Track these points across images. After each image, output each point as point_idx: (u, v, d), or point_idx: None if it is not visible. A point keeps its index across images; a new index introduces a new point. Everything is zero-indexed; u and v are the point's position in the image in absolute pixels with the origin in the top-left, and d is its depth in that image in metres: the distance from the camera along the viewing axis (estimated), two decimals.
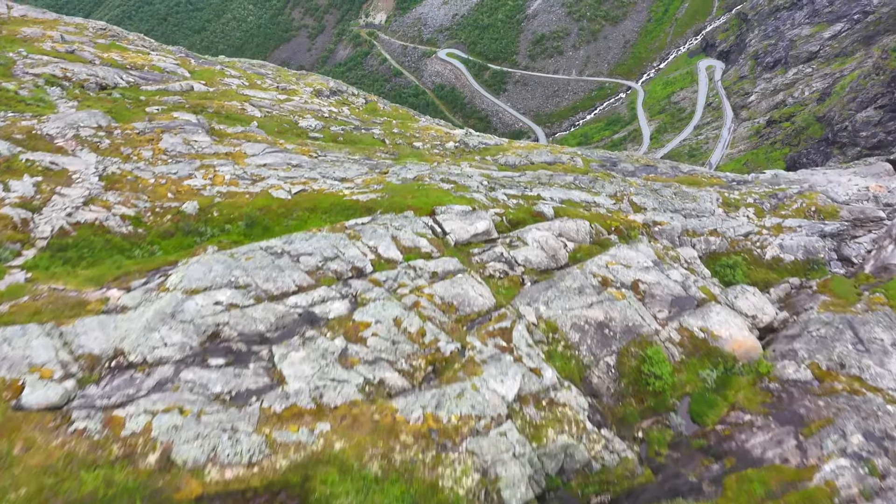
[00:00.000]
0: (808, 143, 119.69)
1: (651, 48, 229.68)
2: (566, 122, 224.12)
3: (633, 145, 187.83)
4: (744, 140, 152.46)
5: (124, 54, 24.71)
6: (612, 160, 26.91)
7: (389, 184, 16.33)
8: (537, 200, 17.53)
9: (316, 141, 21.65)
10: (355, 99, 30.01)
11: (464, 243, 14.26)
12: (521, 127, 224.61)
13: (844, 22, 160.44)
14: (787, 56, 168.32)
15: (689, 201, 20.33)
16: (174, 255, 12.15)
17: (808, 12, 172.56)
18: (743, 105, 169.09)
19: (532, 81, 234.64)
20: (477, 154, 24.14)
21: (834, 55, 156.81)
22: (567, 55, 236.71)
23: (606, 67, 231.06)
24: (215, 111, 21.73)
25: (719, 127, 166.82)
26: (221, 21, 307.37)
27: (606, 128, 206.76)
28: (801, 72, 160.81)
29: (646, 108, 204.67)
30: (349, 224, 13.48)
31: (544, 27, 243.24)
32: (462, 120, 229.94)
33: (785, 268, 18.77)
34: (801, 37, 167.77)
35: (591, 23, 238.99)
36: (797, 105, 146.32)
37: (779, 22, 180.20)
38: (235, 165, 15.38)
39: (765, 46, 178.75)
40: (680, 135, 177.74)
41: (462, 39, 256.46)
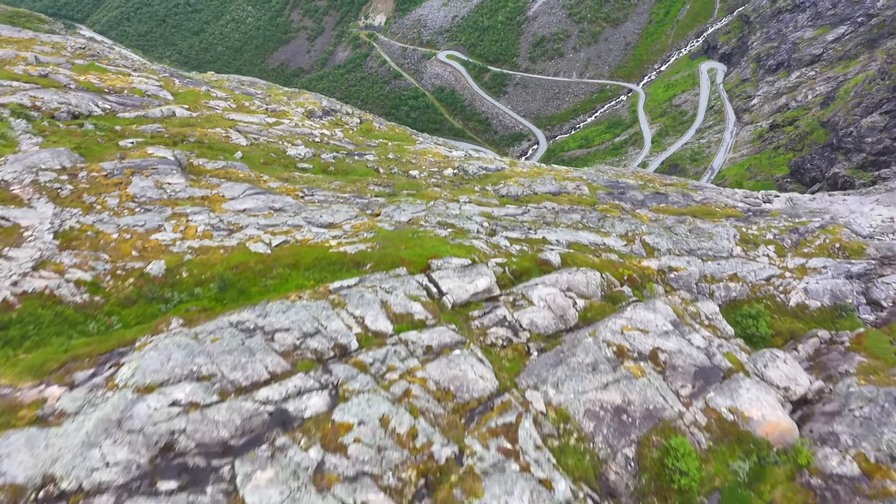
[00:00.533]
0: (813, 148, 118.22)
1: (652, 50, 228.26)
2: (567, 125, 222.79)
3: (635, 149, 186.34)
4: (746, 144, 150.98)
5: (103, 76, 23.20)
6: (619, 187, 25.46)
7: (381, 230, 14.87)
8: (543, 245, 16.08)
9: (305, 173, 20.19)
10: (349, 119, 28.52)
11: (462, 304, 12.80)
12: (521, 129, 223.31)
13: (848, 24, 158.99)
14: (789, 59, 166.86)
15: (704, 239, 18.88)
16: (134, 328, 10.70)
17: (810, 14, 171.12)
18: (745, 108, 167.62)
19: (532, 84, 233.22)
20: (477, 183, 22.69)
21: (837, 58, 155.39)
22: (567, 57, 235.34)
23: (607, 70, 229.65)
24: (197, 140, 20.28)
25: (721, 131, 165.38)
26: (220, 23, 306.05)
27: (607, 131, 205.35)
28: (804, 75, 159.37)
29: (647, 110, 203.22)
30: (334, 287, 12.02)
31: (545, 29, 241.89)
32: (462, 123, 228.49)
33: (811, 315, 17.31)
34: (804, 39, 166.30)
35: (591, 24, 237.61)
36: (800, 109, 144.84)
37: (781, 24, 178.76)
38: (211, 213, 13.95)
39: (767, 49, 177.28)
40: (682, 138, 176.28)
41: (462, 41, 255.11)
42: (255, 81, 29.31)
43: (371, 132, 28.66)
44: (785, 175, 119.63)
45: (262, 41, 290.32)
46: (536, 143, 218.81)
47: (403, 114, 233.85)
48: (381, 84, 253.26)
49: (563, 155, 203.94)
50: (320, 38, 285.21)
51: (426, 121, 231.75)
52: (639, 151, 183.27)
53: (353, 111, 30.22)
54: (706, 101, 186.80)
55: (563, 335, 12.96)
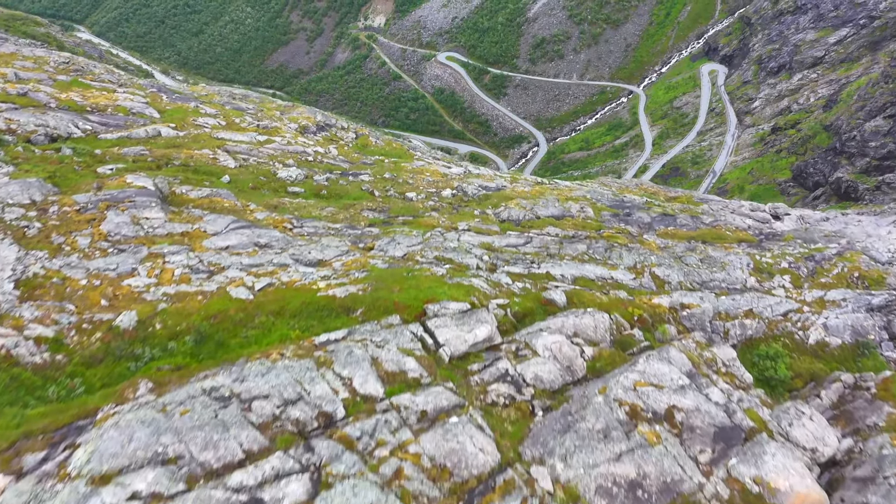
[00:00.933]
0: (815, 152, 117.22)
1: (653, 52, 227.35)
2: (567, 127, 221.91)
3: (636, 151, 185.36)
4: (748, 147, 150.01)
5: (86, 93, 22.16)
6: (624, 206, 24.44)
7: (374, 268, 13.85)
8: (547, 282, 15.07)
9: (295, 198, 19.17)
10: (345, 133, 27.45)
11: (461, 357, 11.78)
12: (521, 131, 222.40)
13: (850, 27, 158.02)
14: (791, 61, 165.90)
15: (717, 270, 17.87)
16: (98, 394, 9.70)
17: (812, 16, 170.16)
18: (747, 111, 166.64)
19: (532, 85, 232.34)
20: (476, 205, 21.67)
21: (839, 60, 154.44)
22: (568, 59, 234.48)
23: (608, 71, 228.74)
24: (183, 163, 19.27)
25: (723, 133, 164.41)
26: (219, 24, 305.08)
27: (608, 133, 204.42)
28: (805, 77, 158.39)
29: (647, 112, 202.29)
30: (320, 341, 11.01)
31: (545, 30, 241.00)
32: (462, 124, 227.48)
33: (832, 354, 16.29)
34: (806, 42, 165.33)
35: (591, 26, 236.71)
36: (802, 112, 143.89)
37: (783, 26, 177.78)
38: (190, 253, 12.94)
39: (769, 51, 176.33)
40: (683, 141, 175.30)
41: (462, 43, 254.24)
42: (248, 94, 28.25)
43: (367, 148, 27.65)
44: (787, 179, 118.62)
45: (262, 42, 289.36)
46: (536, 145, 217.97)
47: (403, 115, 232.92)
48: (380, 85, 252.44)
49: (564, 157, 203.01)
50: (319, 40, 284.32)
51: (426, 122, 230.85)
52: (639, 154, 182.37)
53: (349, 125, 29.20)
54: (707, 104, 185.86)
55: (571, 389, 11.94)
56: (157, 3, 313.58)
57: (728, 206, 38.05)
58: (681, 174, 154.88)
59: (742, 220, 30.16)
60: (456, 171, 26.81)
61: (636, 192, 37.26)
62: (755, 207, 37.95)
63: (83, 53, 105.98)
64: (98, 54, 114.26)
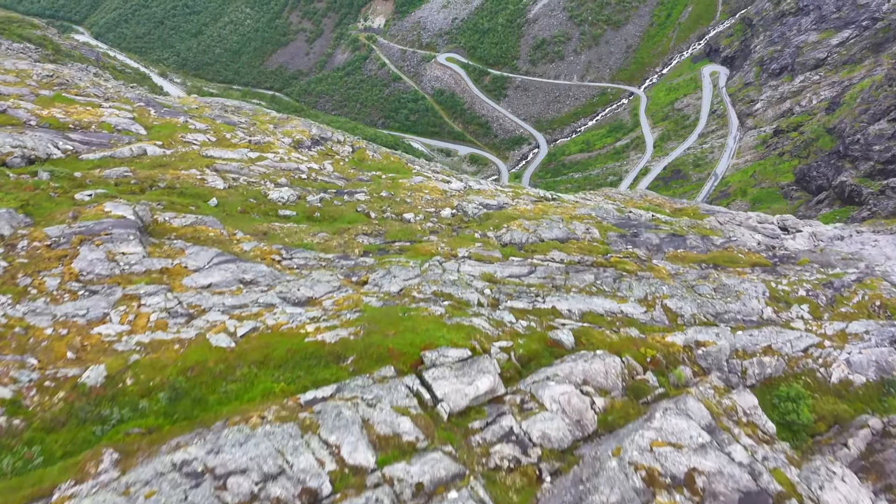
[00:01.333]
0: (819, 155, 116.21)
1: (654, 53, 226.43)
2: (567, 129, 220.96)
3: (637, 153, 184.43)
4: (750, 150, 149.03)
5: (70, 108, 21.15)
6: (631, 225, 23.45)
7: (367, 307, 12.86)
8: (553, 318, 14.08)
9: (287, 222, 18.19)
10: (341, 147, 26.44)
11: (461, 412, 10.80)
12: (521, 133, 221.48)
13: (853, 28, 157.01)
14: (793, 63, 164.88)
15: (732, 300, 16.88)
16: (57, 466, 8.71)
17: (814, 18, 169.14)
18: (748, 113, 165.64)
19: (533, 87, 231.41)
20: (477, 227, 20.67)
21: (842, 62, 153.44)
22: (568, 60, 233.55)
23: (608, 72, 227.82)
24: (168, 185, 18.29)
25: (724, 135, 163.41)
26: (218, 25, 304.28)
27: (608, 135, 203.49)
28: (808, 79, 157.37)
29: (648, 114, 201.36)
30: (306, 400, 10.03)
31: (545, 31, 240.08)
32: (462, 126, 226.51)
33: (856, 394, 15.30)
34: (808, 43, 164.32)
35: (592, 27, 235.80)
36: (805, 114, 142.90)
37: (785, 28, 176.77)
38: (168, 294, 11.97)
39: (770, 53, 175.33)
40: (684, 143, 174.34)
41: (462, 44, 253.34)
42: (241, 106, 27.24)
43: (364, 162, 26.67)
44: (790, 182, 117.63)
45: (261, 43, 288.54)
46: (537, 146, 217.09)
47: (403, 117, 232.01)
48: (380, 87, 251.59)
49: (564, 159, 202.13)
50: (319, 41, 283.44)
51: (426, 124, 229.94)
52: (640, 156, 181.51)
53: (345, 138, 28.19)
54: (709, 105, 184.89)
55: (582, 447, 10.96)
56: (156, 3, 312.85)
57: (735, 219, 37.06)
58: (682, 177, 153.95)
59: (751, 236, 29.20)
60: (456, 186, 25.83)
61: (641, 204, 36.28)
62: (763, 219, 36.96)
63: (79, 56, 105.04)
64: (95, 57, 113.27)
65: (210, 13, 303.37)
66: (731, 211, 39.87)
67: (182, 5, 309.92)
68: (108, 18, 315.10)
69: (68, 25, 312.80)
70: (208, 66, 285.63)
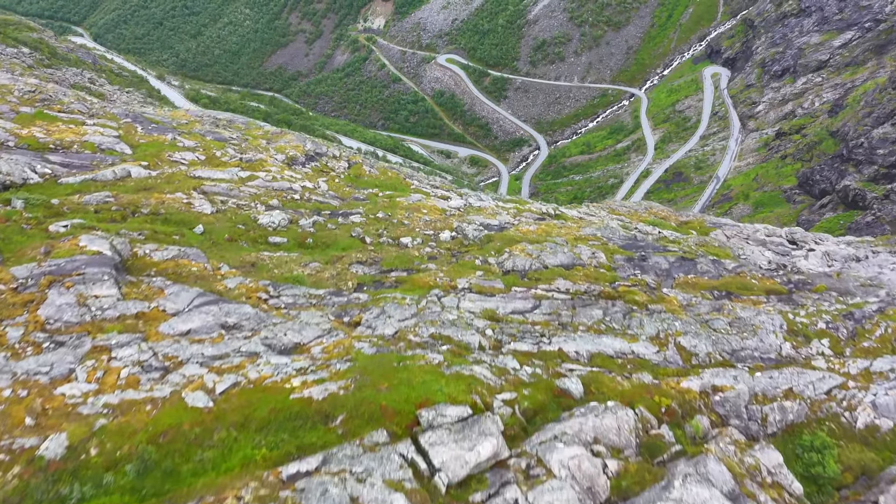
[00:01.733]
0: (822, 158, 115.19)
1: (654, 54, 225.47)
2: (568, 130, 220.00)
3: (637, 155, 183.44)
4: (752, 152, 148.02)
5: (51, 127, 20.10)
6: (638, 246, 22.46)
7: (359, 355, 11.88)
8: (559, 363, 13.09)
9: (276, 251, 17.19)
10: (336, 163, 25.40)
11: (460, 483, 9.81)
12: (521, 135, 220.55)
13: (855, 30, 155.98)
14: (795, 64, 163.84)
15: (748, 334, 15.90)
16: None
17: (816, 19, 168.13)
18: (750, 115, 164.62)
19: (533, 88, 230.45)
20: (477, 251, 19.67)
21: (845, 64, 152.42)
22: (569, 61, 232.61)
23: (609, 74, 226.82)
24: (151, 212, 17.30)
25: (726, 138, 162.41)
26: (217, 25, 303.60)
27: (609, 136, 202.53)
28: (810, 81, 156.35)
29: (649, 116, 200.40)
30: (288, 474, 9.03)
31: (545, 32, 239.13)
32: (462, 127, 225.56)
33: (883, 440, 14.28)
34: (810, 45, 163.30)
35: (593, 28, 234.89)
36: (807, 117, 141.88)
37: (786, 29, 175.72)
38: (143, 343, 11.00)
39: (772, 54, 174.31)
40: (685, 145, 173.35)
41: (462, 45, 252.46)
42: (234, 119, 26.25)
43: (360, 178, 25.68)
44: (793, 186, 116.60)
45: (260, 44, 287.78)
46: (537, 148, 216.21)
47: (403, 118, 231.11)
48: (380, 88, 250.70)
49: (565, 161, 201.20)
50: (319, 42, 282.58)
51: (425, 125, 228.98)
52: (641, 158, 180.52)
53: (341, 153, 27.17)
54: (710, 107, 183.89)
55: None
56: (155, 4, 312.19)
57: (742, 232, 36.09)
58: (684, 179, 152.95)
59: (761, 253, 28.24)
60: (455, 203, 24.84)
61: (646, 217, 35.28)
62: (770, 232, 35.99)
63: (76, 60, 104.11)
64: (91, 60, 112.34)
65: (209, 14, 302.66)
66: (738, 224, 38.90)
67: (181, 6, 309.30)
68: (108, 19, 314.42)
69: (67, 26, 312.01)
70: (207, 67, 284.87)
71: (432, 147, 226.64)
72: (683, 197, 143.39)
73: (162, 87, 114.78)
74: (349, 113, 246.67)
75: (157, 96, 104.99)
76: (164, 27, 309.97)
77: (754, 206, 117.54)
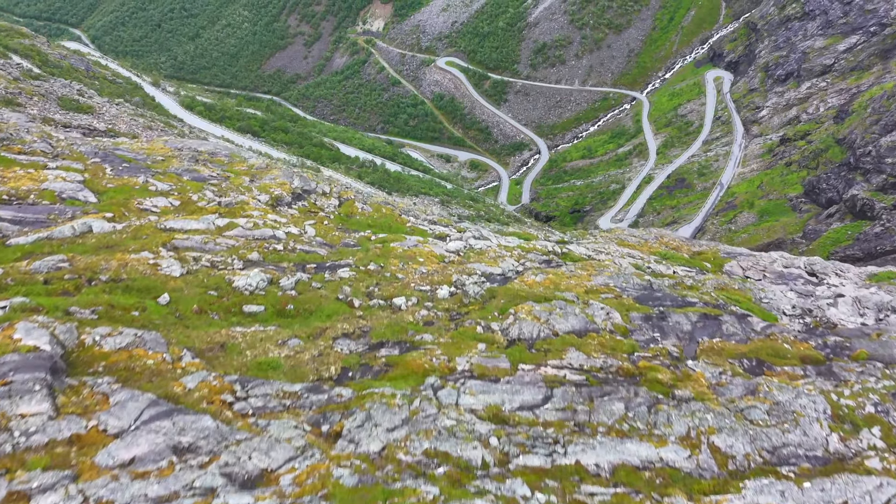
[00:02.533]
0: (828, 167, 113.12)
1: (656, 57, 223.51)
2: (569, 134, 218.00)
3: (639, 160, 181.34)
4: (756, 158, 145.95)
5: (7, 173, 17.97)
6: (655, 299, 20.44)
7: (337, 488, 9.83)
8: (579, 483, 11.05)
9: (251, 325, 15.15)
10: (326, 201, 23.30)
11: None
12: (522, 139, 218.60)
13: (860, 34, 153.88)
14: (799, 69, 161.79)
15: (789, 425, 13.87)
16: None
17: (821, 23, 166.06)
18: (754, 120, 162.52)
19: (534, 91, 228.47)
20: (479, 314, 17.64)
21: (850, 69, 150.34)
22: (569, 64, 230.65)
23: (610, 77, 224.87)
24: (111, 279, 15.28)
25: (729, 143, 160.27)
26: (215, 28, 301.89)
27: (611, 140, 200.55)
28: (814, 86, 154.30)
29: (651, 120, 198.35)
30: None
31: (546, 35, 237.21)
32: (462, 131, 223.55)
33: None
34: (815, 49, 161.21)
35: (594, 31, 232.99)
36: (812, 122, 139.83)
37: (790, 33, 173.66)
38: (72, 485, 8.99)
39: (775, 58, 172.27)
40: (688, 150, 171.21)
41: (462, 48, 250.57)
42: (216, 152, 23.93)
43: (352, 218, 23.65)
44: (799, 195, 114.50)
45: (259, 47, 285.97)
46: (538, 152, 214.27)
47: (402, 122, 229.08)
48: (379, 91, 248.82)
49: (566, 166, 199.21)
50: (317, 44, 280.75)
51: (425, 129, 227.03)
52: (643, 163, 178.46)
53: (332, 188, 25.07)
54: (713, 112, 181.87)
55: None
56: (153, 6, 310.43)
57: (759, 263, 34.01)
58: (687, 186, 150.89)
59: (783, 294, 26.25)
60: (454, 246, 22.82)
61: (657, 248, 33.24)
62: (788, 263, 33.93)
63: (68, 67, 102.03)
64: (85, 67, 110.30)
65: (207, 16, 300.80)
66: (753, 253, 36.85)
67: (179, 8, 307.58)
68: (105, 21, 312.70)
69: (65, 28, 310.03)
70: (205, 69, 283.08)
71: (432, 151, 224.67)
72: (686, 204, 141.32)
73: (157, 94, 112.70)
74: (348, 116, 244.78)
75: (151, 104, 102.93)
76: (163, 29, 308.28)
77: (759, 215, 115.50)
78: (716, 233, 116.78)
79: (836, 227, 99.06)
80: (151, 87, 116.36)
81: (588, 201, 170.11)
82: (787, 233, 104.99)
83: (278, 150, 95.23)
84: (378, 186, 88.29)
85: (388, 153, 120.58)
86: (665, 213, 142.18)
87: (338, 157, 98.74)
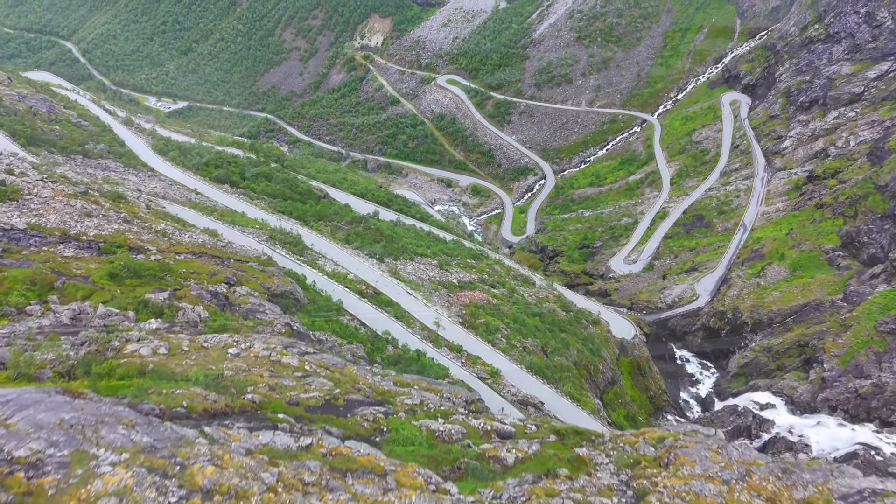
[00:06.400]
0: (868, 217, 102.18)
1: (667, 77, 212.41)
2: (576, 158, 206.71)
3: (652, 191, 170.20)
4: (781, 196, 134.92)
5: None
6: None
7: None
8: None
9: None
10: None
11: None
12: (526, 163, 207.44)
13: (892, 60, 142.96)
14: (825, 96, 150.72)
15: None
16: None
17: (847, 47, 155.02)
18: (776, 151, 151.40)
19: (538, 112, 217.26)
20: None
21: (881, 98, 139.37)
22: (576, 84, 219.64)
23: (619, 98, 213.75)
24: None
25: (750, 176, 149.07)
26: (209, 42, 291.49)
27: (620, 167, 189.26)
28: (842, 115, 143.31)
29: (664, 145, 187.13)
30: None
31: (551, 53, 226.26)
32: (463, 154, 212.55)
33: None
34: (842, 75, 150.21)
35: (601, 49, 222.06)
36: (843, 159, 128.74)
37: (813, 56, 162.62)
38: None
39: (798, 83, 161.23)
40: (705, 182, 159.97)
41: (463, 65, 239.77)
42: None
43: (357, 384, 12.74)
44: (836, 247, 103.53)
45: (253, 62, 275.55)
46: (543, 177, 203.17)
47: (401, 143, 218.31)
48: (377, 110, 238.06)
49: (573, 193, 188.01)
50: (313, 60, 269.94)
51: (425, 151, 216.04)
52: (657, 194, 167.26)
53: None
54: (730, 139, 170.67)
55: None
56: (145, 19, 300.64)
57: None
58: (706, 225, 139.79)
59: None
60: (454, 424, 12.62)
61: (757, 485, 22.37)
62: None
63: (24, 111, 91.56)
64: (46, 108, 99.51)
65: (200, 30, 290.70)
66: None
67: (172, 21, 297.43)
68: (96, 34, 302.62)
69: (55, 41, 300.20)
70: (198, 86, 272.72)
71: (432, 175, 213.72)
72: (706, 247, 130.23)
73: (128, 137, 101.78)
74: (344, 137, 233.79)
75: (119, 152, 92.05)
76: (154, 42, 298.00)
77: (791, 269, 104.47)
78: (743, 287, 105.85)
79: (882, 291, 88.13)
80: (122, 128, 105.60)
81: (598, 236, 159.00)
82: (825, 293, 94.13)
83: (256, 205, 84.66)
84: (368, 254, 77.46)
85: (383, 198, 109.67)
86: (683, 256, 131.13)
87: (324, 215, 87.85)
